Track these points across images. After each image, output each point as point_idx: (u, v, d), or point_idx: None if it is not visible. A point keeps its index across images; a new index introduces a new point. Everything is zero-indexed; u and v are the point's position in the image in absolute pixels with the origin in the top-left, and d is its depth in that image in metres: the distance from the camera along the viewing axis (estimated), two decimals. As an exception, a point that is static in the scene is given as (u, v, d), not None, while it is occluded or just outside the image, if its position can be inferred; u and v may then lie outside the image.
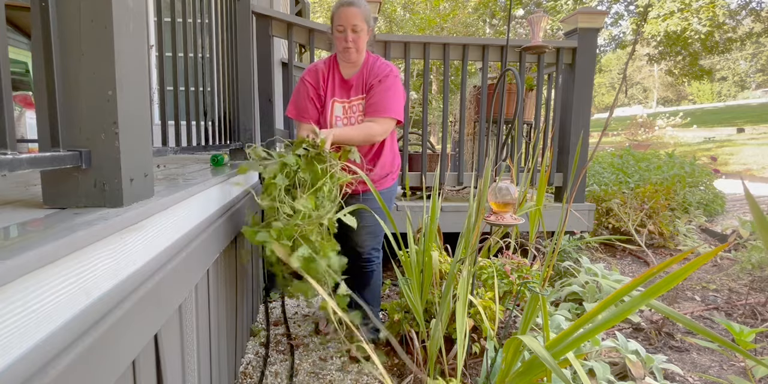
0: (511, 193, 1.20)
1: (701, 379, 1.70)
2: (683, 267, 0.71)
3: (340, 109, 1.76)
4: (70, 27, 0.67)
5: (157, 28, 1.15)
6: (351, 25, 1.63)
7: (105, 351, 0.61)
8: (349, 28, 1.63)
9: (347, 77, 1.77)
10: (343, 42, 1.66)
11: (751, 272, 2.77)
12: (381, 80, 1.71)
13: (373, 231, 1.85)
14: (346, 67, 1.77)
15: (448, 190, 3.08)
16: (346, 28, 1.64)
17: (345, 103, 1.76)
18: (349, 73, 1.77)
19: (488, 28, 16.44)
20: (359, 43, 1.67)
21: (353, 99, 1.76)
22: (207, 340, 1.21)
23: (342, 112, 1.76)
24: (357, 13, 1.62)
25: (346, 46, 1.66)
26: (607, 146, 10.24)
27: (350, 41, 1.65)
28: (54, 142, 0.68)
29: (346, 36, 1.64)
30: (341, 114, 1.76)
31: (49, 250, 0.50)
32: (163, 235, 0.88)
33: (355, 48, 1.67)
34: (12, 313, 0.46)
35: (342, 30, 1.64)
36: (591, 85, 2.68)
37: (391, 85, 1.72)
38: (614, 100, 1.27)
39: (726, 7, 13.34)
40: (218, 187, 1.34)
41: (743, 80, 43.29)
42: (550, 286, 2.35)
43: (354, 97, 1.76)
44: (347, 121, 1.77)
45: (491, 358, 1.40)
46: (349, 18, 1.62)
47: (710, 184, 4.68)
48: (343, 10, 1.63)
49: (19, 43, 2.61)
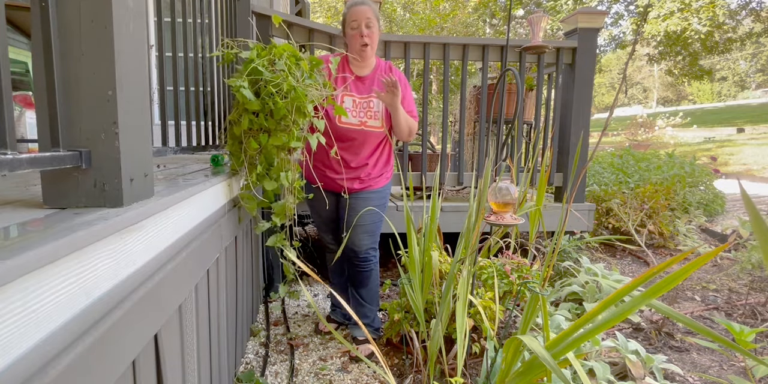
0: (511, 193, 1.20)
1: (701, 379, 1.70)
2: (683, 267, 0.71)
3: (350, 103, 1.81)
4: (70, 27, 0.67)
5: (157, 28, 1.15)
6: (365, 20, 1.71)
7: (105, 351, 0.61)
8: (363, 23, 1.71)
9: (362, 75, 1.83)
10: (359, 38, 1.73)
11: (751, 272, 2.77)
12: (404, 85, 1.82)
13: (369, 229, 1.86)
14: (358, 66, 1.83)
15: (448, 190, 3.08)
16: (361, 23, 1.71)
17: (358, 98, 1.81)
18: (363, 72, 1.84)
19: (488, 28, 16.43)
20: (373, 38, 1.75)
21: (371, 96, 1.82)
22: (207, 340, 1.21)
23: (353, 105, 1.81)
24: (368, 10, 1.72)
25: (362, 42, 1.73)
26: (607, 146, 10.25)
27: (366, 36, 1.72)
28: (54, 142, 0.68)
29: (361, 31, 1.72)
30: (351, 107, 1.81)
31: (49, 250, 0.50)
32: (163, 235, 0.88)
33: (371, 44, 1.75)
34: (12, 313, 0.46)
35: (356, 26, 1.72)
36: (591, 85, 2.68)
37: (410, 90, 1.87)
38: (614, 100, 1.27)
39: (726, 7, 13.33)
40: (218, 187, 1.34)
41: (743, 80, 43.27)
42: (550, 286, 2.35)
43: (372, 95, 1.82)
44: (356, 115, 1.80)
45: (491, 358, 1.40)
46: (361, 14, 1.71)
47: (710, 184, 4.68)
48: (355, 8, 1.72)
49: (19, 43, 2.61)
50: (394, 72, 1.86)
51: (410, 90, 1.88)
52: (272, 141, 1.41)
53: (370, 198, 1.85)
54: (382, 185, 1.90)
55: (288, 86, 1.35)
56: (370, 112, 1.80)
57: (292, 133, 1.42)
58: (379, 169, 1.89)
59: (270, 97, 1.34)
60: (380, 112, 1.81)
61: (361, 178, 1.85)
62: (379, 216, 1.84)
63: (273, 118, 1.39)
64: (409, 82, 2.58)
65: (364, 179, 1.85)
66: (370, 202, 1.83)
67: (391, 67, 1.87)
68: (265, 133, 1.42)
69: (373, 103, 1.81)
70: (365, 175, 1.85)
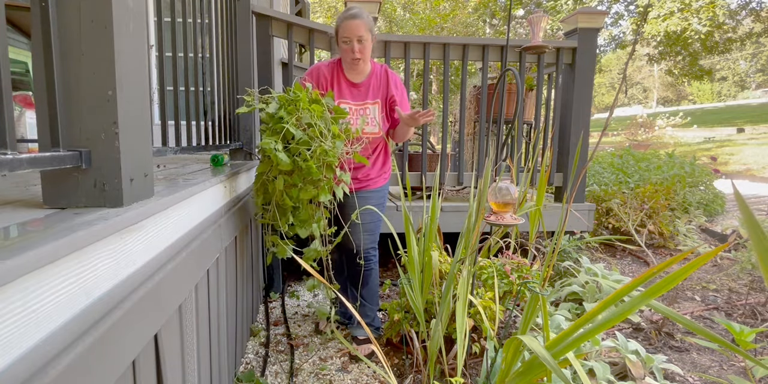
0: (511, 193, 1.20)
1: (701, 379, 1.70)
2: (683, 267, 0.71)
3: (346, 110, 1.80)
4: (70, 27, 0.67)
5: (157, 28, 1.15)
6: (357, 37, 1.69)
7: (105, 351, 0.61)
8: (355, 40, 1.70)
9: (357, 82, 1.83)
10: (350, 53, 1.72)
11: (751, 272, 2.77)
12: (401, 91, 1.84)
13: (369, 228, 1.87)
14: (352, 73, 1.83)
15: (448, 190, 3.08)
16: (352, 40, 1.70)
17: (353, 105, 1.82)
18: (358, 79, 1.83)
19: (488, 28, 16.42)
20: (365, 53, 1.74)
21: (366, 103, 1.82)
22: (207, 340, 1.21)
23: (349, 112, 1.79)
24: (361, 25, 1.69)
25: (354, 57, 1.73)
26: (607, 146, 10.24)
27: (357, 52, 1.71)
28: (54, 142, 0.68)
29: (352, 47, 1.71)
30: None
31: (49, 250, 0.50)
32: (163, 235, 0.88)
33: (363, 58, 1.74)
34: (12, 313, 0.46)
35: (348, 41, 1.71)
36: (591, 85, 2.68)
37: (406, 94, 1.90)
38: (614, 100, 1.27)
39: (726, 7, 13.32)
40: (218, 187, 1.34)
41: (743, 80, 43.26)
42: (550, 286, 2.35)
43: (367, 101, 1.82)
44: (353, 123, 1.80)
45: (491, 358, 1.40)
46: (354, 30, 1.68)
47: (710, 184, 4.68)
48: (347, 24, 1.69)
49: (19, 43, 2.61)
50: (390, 76, 1.84)
51: (406, 95, 1.89)
52: (303, 195, 1.50)
53: (369, 197, 1.86)
54: (380, 185, 1.92)
55: (321, 150, 1.42)
56: (374, 118, 1.81)
57: (323, 188, 1.51)
58: (377, 170, 1.90)
59: (299, 155, 1.43)
60: (377, 118, 1.81)
61: (359, 178, 1.86)
62: (378, 215, 1.85)
63: (302, 174, 1.47)
64: (409, 82, 2.58)
65: (362, 179, 1.86)
66: (368, 202, 1.83)
67: (387, 71, 1.85)
68: (295, 188, 1.50)
69: (368, 109, 1.81)
70: (363, 175, 1.86)
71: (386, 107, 1.84)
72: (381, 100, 1.82)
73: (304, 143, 1.42)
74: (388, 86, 1.82)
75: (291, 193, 1.50)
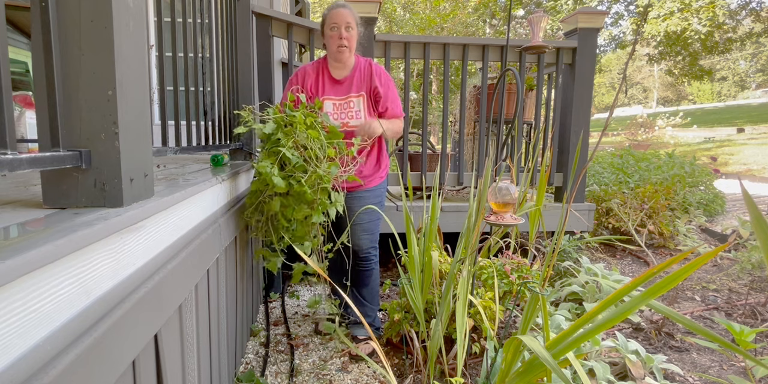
0: (511, 193, 1.20)
1: (701, 379, 1.70)
2: (683, 267, 0.71)
3: (330, 106, 1.82)
4: (70, 27, 0.67)
5: (157, 28, 1.15)
6: (345, 23, 1.72)
7: (105, 351, 0.61)
8: (343, 26, 1.72)
9: (339, 78, 1.84)
10: (337, 39, 1.73)
11: (751, 272, 2.77)
12: (385, 83, 1.83)
13: (368, 228, 1.86)
14: (336, 68, 1.84)
15: (448, 190, 3.08)
16: (340, 26, 1.72)
17: (337, 100, 1.82)
18: (341, 74, 1.84)
19: (488, 28, 16.42)
20: (351, 42, 1.75)
21: (350, 96, 1.82)
22: (207, 340, 1.21)
23: (333, 108, 1.82)
24: (349, 14, 1.73)
25: (340, 44, 1.73)
26: (607, 146, 10.24)
27: (344, 38, 1.72)
28: (54, 142, 0.67)
29: (339, 33, 1.72)
30: (332, 110, 1.82)
31: (49, 250, 0.50)
32: (163, 235, 0.88)
33: (348, 46, 1.75)
34: (12, 313, 0.46)
35: (335, 28, 1.72)
36: (591, 85, 2.68)
37: (393, 87, 1.86)
38: (614, 100, 1.27)
39: (726, 7, 13.32)
40: (218, 187, 1.34)
41: (743, 80, 43.25)
42: (550, 286, 2.35)
43: (351, 94, 1.82)
44: (338, 117, 1.81)
45: (491, 358, 1.40)
46: (342, 16, 1.72)
47: (710, 184, 4.68)
48: (336, 11, 1.73)
49: (19, 43, 2.61)
50: (374, 68, 1.83)
51: (393, 88, 1.86)
52: (296, 214, 1.53)
53: (365, 197, 1.86)
54: (376, 184, 1.91)
55: (316, 176, 1.45)
56: (351, 113, 1.81)
57: (316, 209, 1.53)
58: (371, 167, 1.89)
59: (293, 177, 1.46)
60: (361, 111, 1.81)
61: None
62: (377, 214, 1.84)
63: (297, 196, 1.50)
64: (409, 82, 2.58)
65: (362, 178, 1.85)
66: (365, 201, 1.83)
67: (371, 64, 1.85)
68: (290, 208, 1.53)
69: (352, 103, 1.81)
70: (356, 174, 1.85)
71: (371, 99, 1.84)
72: (365, 92, 1.82)
73: (299, 168, 1.46)
74: (371, 78, 1.82)
75: (286, 213, 1.53)
